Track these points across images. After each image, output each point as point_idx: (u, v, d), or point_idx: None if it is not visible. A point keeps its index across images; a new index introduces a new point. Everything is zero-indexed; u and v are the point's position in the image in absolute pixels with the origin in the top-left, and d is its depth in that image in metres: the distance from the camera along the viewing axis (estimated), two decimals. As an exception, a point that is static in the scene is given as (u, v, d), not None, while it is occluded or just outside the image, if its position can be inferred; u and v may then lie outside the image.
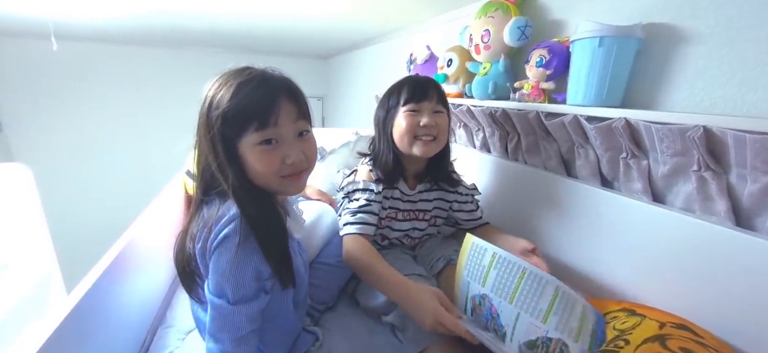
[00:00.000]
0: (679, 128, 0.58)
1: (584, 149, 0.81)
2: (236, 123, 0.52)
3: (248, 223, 0.52)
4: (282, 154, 0.55)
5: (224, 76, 0.55)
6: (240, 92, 0.52)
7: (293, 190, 0.60)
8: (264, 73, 0.56)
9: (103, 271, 0.61)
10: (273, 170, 0.55)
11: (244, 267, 0.52)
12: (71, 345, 0.52)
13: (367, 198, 0.81)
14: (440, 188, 0.92)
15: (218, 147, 0.53)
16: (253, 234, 0.52)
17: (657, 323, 0.56)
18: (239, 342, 0.53)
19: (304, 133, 0.58)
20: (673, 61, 0.67)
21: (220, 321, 0.52)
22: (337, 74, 2.95)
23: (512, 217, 1.01)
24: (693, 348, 0.49)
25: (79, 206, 2.58)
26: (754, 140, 0.51)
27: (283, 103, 0.54)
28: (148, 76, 2.64)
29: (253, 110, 0.52)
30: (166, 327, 0.79)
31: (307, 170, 0.60)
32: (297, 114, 0.56)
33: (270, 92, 0.54)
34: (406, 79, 0.85)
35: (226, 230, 0.51)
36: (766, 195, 0.54)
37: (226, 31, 2.00)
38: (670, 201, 0.68)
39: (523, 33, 0.89)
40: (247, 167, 0.55)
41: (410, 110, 0.79)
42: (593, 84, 0.72)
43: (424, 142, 0.80)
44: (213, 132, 0.53)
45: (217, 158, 0.53)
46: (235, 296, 0.52)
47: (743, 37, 0.58)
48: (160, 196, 1.03)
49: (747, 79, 0.57)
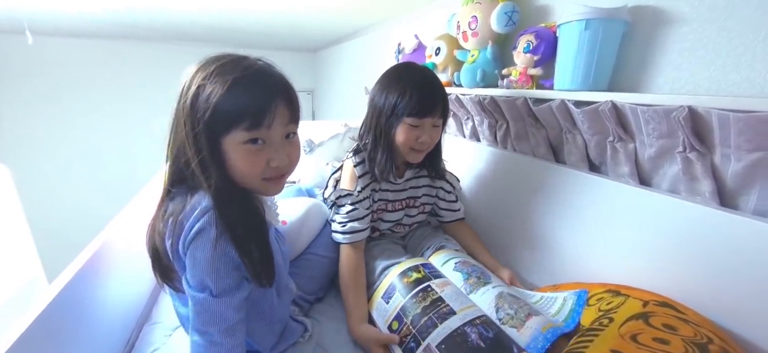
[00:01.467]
0: (664, 109, 0.58)
1: (572, 134, 0.81)
2: (227, 120, 0.50)
3: (224, 221, 0.50)
4: (267, 156, 0.53)
5: (216, 66, 0.51)
6: (236, 88, 0.49)
7: (273, 192, 0.58)
8: (262, 70, 0.54)
9: (82, 266, 0.59)
10: (257, 171, 0.53)
11: (223, 258, 0.50)
12: (49, 341, 0.50)
13: (353, 203, 0.82)
14: (426, 176, 0.93)
15: (202, 142, 0.50)
16: (228, 233, 0.50)
17: (640, 302, 0.56)
18: (228, 332, 0.52)
19: (291, 135, 0.57)
20: (659, 43, 0.67)
21: (205, 315, 0.51)
22: (326, 67, 2.92)
23: (502, 205, 1.01)
24: (675, 324, 0.49)
25: (61, 205, 2.52)
26: (737, 118, 0.51)
27: (279, 105, 0.52)
28: (130, 72, 2.58)
29: (247, 110, 0.50)
30: (152, 324, 0.77)
31: (288, 173, 0.59)
32: (290, 118, 0.55)
33: (268, 92, 0.52)
34: (415, 85, 0.76)
35: (199, 224, 0.49)
36: (749, 174, 0.55)
37: (211, 25, 1.95)
38: (656, 183, 0.69)
39: (510, 18, 0.88)
40: (228, 164, 0.52)
41: (412, 125, 0.77)
42: (580, 68, 0.71)
43: (419, 152, 0.81)
44: (199, 126, 0.49)
45: (200, 153, 0.50)
46: (218, 288, 0.50)
47: (726, 17, 0.58)
48: (143, 191, 1.00)
49: (730, 59, 0.58)
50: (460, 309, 0.64)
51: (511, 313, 0.64)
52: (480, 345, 0.57)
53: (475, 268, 0.77)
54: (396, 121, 0.78)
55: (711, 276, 0.57)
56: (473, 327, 0.60)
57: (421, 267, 0.75)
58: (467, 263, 0.79)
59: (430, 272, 0.74)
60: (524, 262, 0.91)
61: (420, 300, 0.67)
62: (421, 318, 0.64)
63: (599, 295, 0.63)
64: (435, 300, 0.66)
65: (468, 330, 0.59)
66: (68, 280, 0.55)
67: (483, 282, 0.72)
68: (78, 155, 2.55)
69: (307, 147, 1.30)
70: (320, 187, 1.14)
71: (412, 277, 0.73)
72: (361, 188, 0.83)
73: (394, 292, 0.72)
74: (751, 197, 0.56)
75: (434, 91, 0.78)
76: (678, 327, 0.49)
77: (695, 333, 0.48)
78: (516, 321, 0.62)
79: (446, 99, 0.80)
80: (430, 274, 0.73)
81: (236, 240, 0.51)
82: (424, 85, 0.77)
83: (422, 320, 0.64)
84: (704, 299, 0.57)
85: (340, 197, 0.83)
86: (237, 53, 0.54)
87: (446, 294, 0.67)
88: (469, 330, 0.59)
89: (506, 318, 0.64)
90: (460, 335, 0.59)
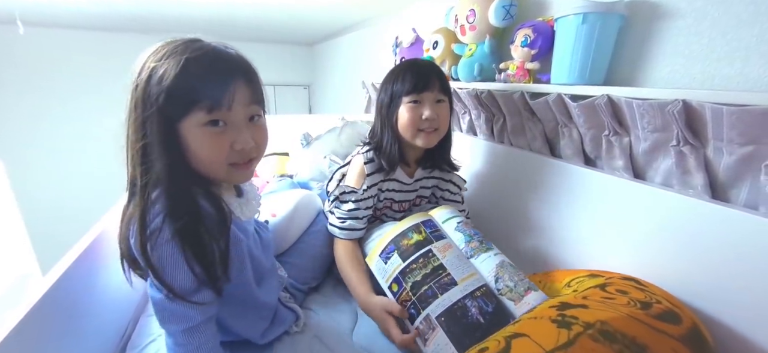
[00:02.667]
0: (659, 102, 0.59)
1: (568, 128, 0.81)
2: (182, 103, 0.46)
3: (173, 218, 0.47)
4: (230, 139, 0.50)
5: (168, 48, 0.48)
6: (190, 68, 0.46)
7: (241, 179, 0.57)
8: (217, 49, 0.50)
9: (77, 258, 0.59)
10: (221, 156, 0.50)
11: (179, 259, 0.47)
12: (44, 333, 0.50)
13: (356, 200, 0.82)
14: (438, 177, 0.93)
15: (153, 127, 0.46)
16: (180, 231, 0.47)
17: (607, 278, 0.58)
18: (190, 332, 0.50)
19: (256, 118, 0.54)
20: (655, 37, 0.67)
21: (164, 313, 0.49)
22: (323, 61, 2.90)
23: (499, 198, 1.02)
24: (628, 290, 0.51)
25: (55, 199, 2.49)
26: (730, 112, 0.51)
27: (238, 85, 0.49)
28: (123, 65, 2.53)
29: (204, 91, 0.47)
30: (148, 316, 0.77)
31: (256, 158, 0.56)
32: (251, 97, 0.52)
33: (224, 71, 0.49)
34: (408, 66, 0.81)
35: (154, 224, 0.46)
36: (741, 167, 0.55)
37: (207, 17, 1.93)
38: (650, 177, 0.70)
39: (508, 12, 0.88)
40: (188, 152, 0.49)
41: (412, 101, 0.78)
42: (577, 62, 0.72)
43: (427, 133, 0.79)
44: (151, 110, 0.46)
45: (146, 138, 0.47)
46: (178, 289, 0.47)
47: (721, 13, 0.58)
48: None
49: (725, 54, 0.58)
50: (461, 280, 0.63)
51: (511, 286, 0.63)
52: (479, 321, 0.57)
53: (476, 231, 0.74)
54: (397, 105, 0.80)
55: (701, 268, 0.58)
56: (473, 300, 0.60)
57: (421, 225, 0.71)
58: (470, 224, 0.76)
59: (431, 233, 0.71)
60: (518, 252, 0.92)
61: (420, 266, 0.65)
62: (421, 286, 0.63)
63: (580, 278, 0.64)
64: (436, 267, 0.64)
65: (468, 304, 0.59)
66: (63, 272, 0.55)
67: (485, 247, 0.70)
68: (71, 148, 2.52)
69: (303, 141, 1.30)
70: (316, 180, 1.14)
71: (412, 239, 0.69)
72: (368, 186, 0.82)
73: (393, 253, 0.69)
74: (742, 190, 0.57)
75: (427, 67, 0.80)
76: (629, 291, 0.51)
77: (646, 296, 0.50)
78: (514, 295, 0.62)
79: (443, 75, 0.81)
80: (431, 235, 0.70)
81: (186, 241, 0.47)
82: (416, 64, 0.81)
83: (422, 288, 0.62)
84: (694, 289, 0.58)
85: (344, 194, 0.83)
86: (189, 36, 0.51)
87: (448, 261, 0.65)
88: (469, 304, 0.59)
89: (505, 290, 0.63)
90: (460, 308, 0.59)
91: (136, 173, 0.49)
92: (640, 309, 0.46)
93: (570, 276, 0.67)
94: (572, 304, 0.48)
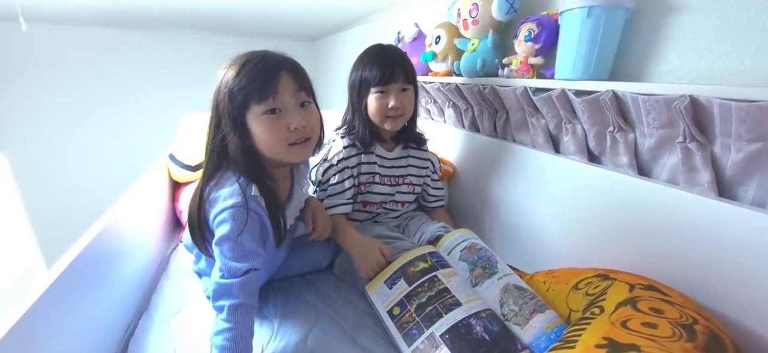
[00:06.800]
0: (665, 98, 0.57)
1: (572, 124, 0.80)
2: (240, 98, 0.59)
3: (247, 192, 0.60)
4: (286, 121, 0.62)
5: (232, 60, 0.63)
6: (243, 70, 0.60)
7: (300, 157, 0.68)
8: (265, 52, 0.63)
9: (80, 253, 0.59)
10: (280, 137, 0.62)
11: (253, 223, 0.60)
12: (47, 328, 0.50)
13: (338, 172, 0.89)
14: (415, 156, 1.00)
15: (226, 122, 0.61)
16: (248, 204, 0.60)
17: (627, 285, 0.57)
18: (236, 308, 0.58)
19: (306, 104, 0.66)
20: (662, 32, 0.66)
21: (219, 290, 0.59)
22: (327, 56, 2.88)
23: (501, 196, 1.01)
24: (661, 307, 0.50)
25: (59, 194, 2.50)
26: (739, 108, 0.50)
27: (282, 76, 0.61)
28: (127, 60, 2.54)
29: (255, 85, 0.59)
30: (152, 311, 0.78)
31: (312, 137, 0.67)
32: (297, 86, 0.63)
33: (270, 67, 0.61)
34: (376, 55, 0.87)
35: (231, 197, 0.59)
36: (749, 164, 0.54)
37: (210, 12, 1.92)
38: (655, 174, 0.69)
39: (511, 6, 0.86)
40: (255, 139, 0.62)
41: (379, 91, 0.86)
42: (581, 57, 0.70)
43: (393, 119, 0.88)
44: (220, 108, 0.61)
45: (222, 131, 0.61)
46: (244, 250, 0.59)
47: (730, 5, 0.57)
48: (142, 180, 1.00)
49: (734, 48, 0.57)
50: (466, 301, 0.64)
51: (516, 310, 0.64)
52: (484, 338, 0.58)
53: (480, 256, 0.77)
54: (365, 94, 0.88)
55: (708, 266, 0.57)
56: (478, 320, 0.60)
57: (428, 256, 0.75)
58: (473, 249, 0.79)
59: (438, 261, 0.74)
60: (521, 249, 0.92)
61: (425, 289, 0.68)
62: (426, 307, 0.64)
63: (588, 279, 0.64)
64: (441, 290, 0.66)
65: (473, 322, 0.60)
66: (66, 267, 0.56)
67: (488, 273, 0.72)
68: (76, 143, 2.53)
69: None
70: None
71: (418, 267, 0.73)
72: (342, 158, 0.90)
73: (399, 279, 0.72)
74: (749, 187, 0.56)
75: (393, 60, 0.86)
76: (664, 310, 0.49)
77: (680, 314, 0.49)
78: (520, 318, 0.63)
79: (408, 65, 0.88)
80: (437, 264, 0.73)
81: (267, 207, 0.62)
82: (382, 57, 0.87)
83: (427, 309, 0.64)
84: (701, 288, 0.57)
85: (325, 172, 0.90)
86: (251, 50, 0.64)
87: (452, 285, 0.67)
88: (474, 322, 0.60)
89: (510, 314, 0.64)
90: (464, 326, 0.59)
91: (215, 159, 0.64)
92: (688, 342, 0.43)
93: (577, 277, 0.66)
94: (621, 343, 0.44)
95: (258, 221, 0.63)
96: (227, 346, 0.56)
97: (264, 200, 0.63)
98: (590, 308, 0.56)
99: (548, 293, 0.69)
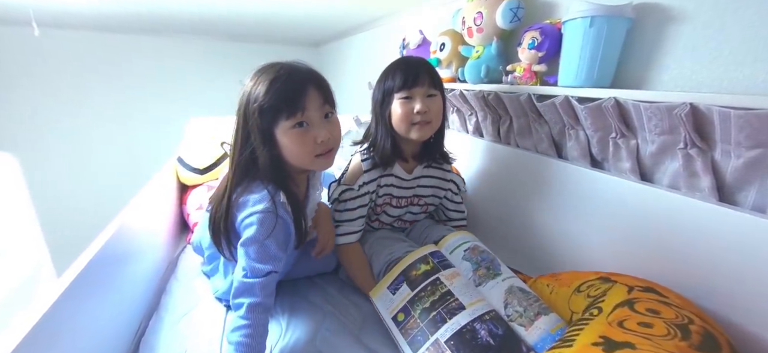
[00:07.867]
0: (666, 105, 0.59)
1: (575, 130, 0.82)
2: (271, 114, 0.62)
3: (275, 198, 0.63)
4: (313, 135, 0.65)
5: (258, 74, 0.65)
6: (272, 87, 0.62)
7: (324, 166, 0.70)
8: (292, 66, 0.65)
9: (92, 258, 0.61)
10: (308, 149, 0.65)
11: (271, 239, 0.62)
12: (61, 331, 0.52)
13: (354, 199, 0.85)
14: (438, 178, 0.94)
15: (256, 135, 0.63)
16: (281, 211, 0.63)
17: (626, 287, 0.58)
18: (255, 307, 0.60)
19: (329, 115, 0.68)
20: (662, 40, 0.68)
21: (240, 289, 0.61)
22: (330, 63, 2.91)
23: (505, 200, 1.02)
24: (658, 308, 0.51)
25: (69, 195, 2.53)
26: (738, 115, 0.52)
27: (309, 91, 0.64)
28: (135, 65, 2.58)
29: (284, 102, 0.62)
30: (162, 311, 0.79)
31: (334, 148, 0.70)
32: (322, 99, 0.66)
33: (297, 83, 0.64)
34: (399, 63, 0.85)
35: (258, 204, 0.62)
36: (749, 170, 0.56)
37: (215, 18, 1.95)
38: (657, 179, 0.70)
39: (515, 15, 0.89)
40: (283, 150, 0.65)
41: (403, 97, 0.81)
42: (584, 65, 0.72)
43: (420, 126, 0.82)
44: (250, 123, 0.63)
45: (252, 144, 0.64)
46: (268, 252, 0.63)
47: (729, 16, 0.58)
48: (151, 184, 1.02)
49: (733, 57, 0.58)
50: (470, 304, 0.63)
51: (520, 311, 0.64)
52: (489, 343, 0.58)
53: (484, 257, 0.76)
54: (389, 102, 0.83)
55: (708, 271, 0.58)
56: (483, 324, 0.60)
57: (429, 256, 0.75)
58: (476, 250, 0.78)
59: (439, 262, 0.74)
60: (525, 253, 0.93)
61: (429, 293, 0.67)
62: (430, 313, 0.64)
63: (590, 282, 0.65)
64: (444, 293, 0.66)
65: (477, 327, 0.60)
66: (81, 270, 0.57)
67: (492, 273, 0.71)
68: (85, 147, 2.56)
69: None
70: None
71: (420, 269, 0.72)
72: (363, 183, 0.85)
73: (402, 284, 0.72)
74: (750, 193, 0.57)
75: (417, 64, 0.83)
76: (660, 311, 0.51)
77: (676, 315, 0.50)
78: (524, 320, 0.62)
79: (433, 71, 0.84)
80: (439, 264, 0.73)
81: (292, 212, 0.66)
82: (406, 62, 0.84)
83: (431, 314, 0.64)
84: (701, 292, 0.58)
85: (343, 193, 0.86)
86: (274, 61, 0.67)
87: (455, 287, 0.67)
88: (478, 327, 0.60)
89: (514, 315, 0.64)
90: (469, 331, 0.59)
91: (243, 166, 0.66)
92: (682, 341, 0.44)
93: (579, 280, 0.67)
94: (617, 341, 0.45)
95: (284, 227, 0.65)
96: (244, 342, 0.58)
97: (290, 206, 0.67)
98: (590, 309, 0.57)
99: (551, 296, 0.70)
